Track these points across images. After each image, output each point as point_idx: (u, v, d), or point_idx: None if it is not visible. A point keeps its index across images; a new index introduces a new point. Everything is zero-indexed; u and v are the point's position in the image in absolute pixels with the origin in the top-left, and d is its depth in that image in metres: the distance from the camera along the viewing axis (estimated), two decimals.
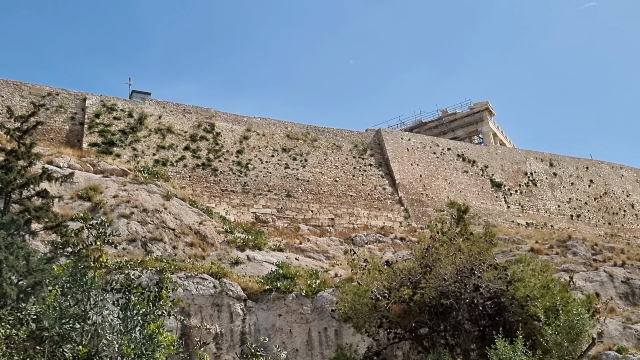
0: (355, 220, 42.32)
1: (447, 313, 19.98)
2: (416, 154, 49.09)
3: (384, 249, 36.85)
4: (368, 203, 43.80)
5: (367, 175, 45.63)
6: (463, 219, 23.47)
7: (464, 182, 49.94)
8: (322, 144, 45.68)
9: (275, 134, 44.41)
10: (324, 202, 42.24)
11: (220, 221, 33.98)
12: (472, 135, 66.08)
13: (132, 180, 32.82)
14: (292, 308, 25.82)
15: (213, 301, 25.04)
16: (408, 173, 47.31)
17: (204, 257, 28.90)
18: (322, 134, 46.45)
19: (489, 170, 52.08)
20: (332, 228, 40.57)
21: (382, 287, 21.27)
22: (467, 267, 20.53)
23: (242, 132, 43.14)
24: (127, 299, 9.65)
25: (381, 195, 44.80)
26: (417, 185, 46.96)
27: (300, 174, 43.07)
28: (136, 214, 29.69)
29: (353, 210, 42.86)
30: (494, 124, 65.82)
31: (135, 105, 40.78)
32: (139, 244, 28.12)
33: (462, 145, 53.92)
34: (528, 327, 19.28)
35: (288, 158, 43.41)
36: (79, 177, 30.43)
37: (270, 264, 29.36)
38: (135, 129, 39.18)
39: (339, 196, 43.26)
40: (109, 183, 31.75)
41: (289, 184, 42.03)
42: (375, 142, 48.38)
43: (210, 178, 39.61)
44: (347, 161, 45.78)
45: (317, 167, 44.16)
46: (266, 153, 42.93)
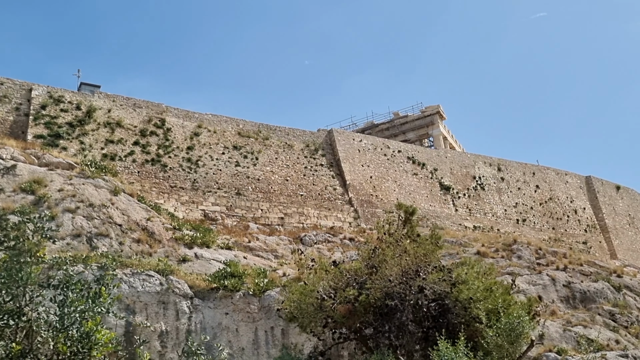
0: (305, 219, 42.36)
1: (392, 314, 20.12)
2: (367, 155, 49.39)
3: (332, 249, 36.98)
4: (318, 203, 43.88)
5: (318, 175, 45.71)
6: (410, 221, 23.68)
7: (414, 184, 50.46)
8: (274, 143, 45.58)
9: (227, 131, 44.11)
10: (274, 201, 42.15)
11: (168, 218, 33.59)
12: (423, 138, 66.89)
13: (78, 174, 32.14)
14: (239, 307, 25.70)
15: (159, 299, 24.75)
16: (359, 174, 47.56)
17: (151, 253, 28.50)
18: (274, 132, 46.33)
19: (439, 173, 52.73)
20: (282, 227, 40.52)
21: (328, 287, 21.31)
22: (412, 268, 20.72)
23: (193, 128, 42.73)
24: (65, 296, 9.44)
25: (331, 195, 44.93)
26: (367, 187, 47.25)
27: (251, 172, 42.88)
28: (82, 209, 29.09)
29: (303, 209, 42.89)
30: (444, 128, 66.74)
31: (83, 97, 39.97)
32: (84, 240, 27.57)
33: (412, 148, 54.47)
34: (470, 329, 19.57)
35: (239, 156, 43.16)
36: (23, 170, 29.70)
37: (218, 262, 29.17)
38: (83, 122, 38.40)
39: (290, 195, 43.24)
40: (54, 176, 31.04)
41: (239, 182, 41.80)
42: (327, 143, 48.50)
43: (159, 174, 39.11)
44: (299, 161, 45.77)
45: (268, 165, 44.04)
46: (217, 150, 42.60)
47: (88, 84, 42.88)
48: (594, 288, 33.02)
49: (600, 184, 64.08)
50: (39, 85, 38.80)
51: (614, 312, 30.97)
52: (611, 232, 59.69)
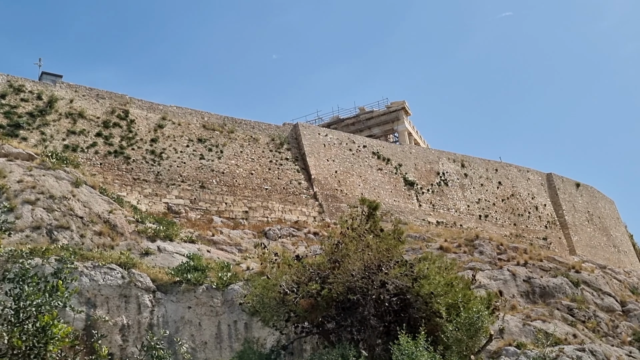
0: (270, 214, 42.28)
1: (354, 308, 20.26)
2: (332, 150, 49.46)
3: (297, 244, 37.02)
4: (283, 197, 43.85)
5: (283, 169, 45.66)
6: (373, 216, 23.83)
7: (378, 179, 50.70)
8: (239, 136, 45.37)
9: (191, 123, 43.78)
10: (238, 195, 41.99)
11: (131, 210, 33.26)
12: (388, 134, 67.20)
13: (39, 165, 31.62)
14: (202, 300, 25.63)
15: (121, 292, 24.57)
16: (324, 168, 47.61)
17: (113, 246, 28.23)
18: (239, 125, 46.12)
19: (403, 168, 53.05)
20: (246, 221, 40.41)
21: (291, 281, 21.37)
22: (374, 263, 20.87)
23: (157, 120, 42.30)
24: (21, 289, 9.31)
25: (296, 189, 44.92)
26: (332, 181, 47.34)
27: (216, 166, 42.65)
28: (42, 201, 28.65)
29: (268, 203, 42.81)
30: (409, 124, 67.15)
31: (45, 87, 39.29)
32: (44, 232, 27.17)
33: (377, 143, 54.67)
34: (431, 323, 19.80)
35: (203, 149, 42.88)
36: None
37: (182, 256, 29.03)
38: (44, 112, 37.75)
39: (254, 189, 43.11)
40: (14, 167, 30.49)
41: (204, 175, 41.55)
42: (293, 137, 48.44)
43: (122, 166, 38.66)
44: (264, 154, 45.65)
45: (233, 159, 43.83)
46: (181, 143, 42.26)
47: (50, 73, 42.12)
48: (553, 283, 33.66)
49: (561, 181, 65.10)
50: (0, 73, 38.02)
51: (572, 307, 31.63)
52: (570, 228, 60.70)
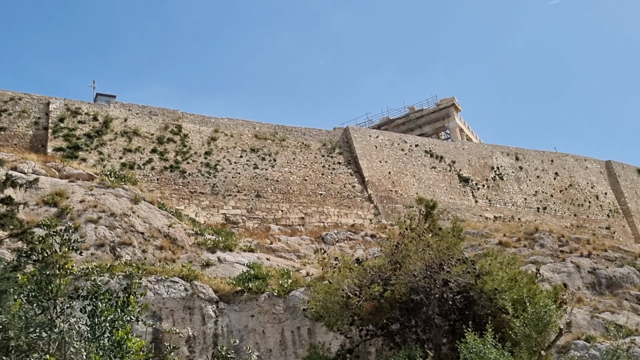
0: (326, 218, 42.38)
1: (418, 308, 20.10)
2: (384, 151, 49.31)
3: (354, 247, 36.95)
4: (338, 201, 43.89)
5: (336, 174, 45.72)
6: (431, 215, 23.66)
7: (432, 177, 50.31)
8: (291, 144, 45.66)
9: (244, 134, 44.25)
10: (293, 202, 42.22)
11: (189, 223, 33.77)
12: (439, 131, 66.60)
13: (98, 184, 32.45)
14: (264, 308, 25.79)
15: (184, 304, 24.90)
16: (377, 170, 47.50)
17: (174, 260, 28.70)
18: (290, 133, 46.41)
19: (457, 165, 52.53)
20: (303, 227, 40.59)
21: (352, 285, 21.33)
22: (436, 262, 20.68)
23: (210, 133, 42.92)
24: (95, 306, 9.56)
25: (351, 193, 44.92)
26: (386, 182, 47.18)
27: (270, 174, 42.99)
28: (104, 219, 29.36)
29: (323, 208, 42.92)
30: (460, 120, 66.44)
31: (100, 108, 40.30)
32: (108, 249, 27.83)
33: (429, 142, 54.31)
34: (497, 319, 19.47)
35: (257, 158, 43.29)
36: (45, 183, 30.03)
37: (242, 265, 29.29)
38: (100, 133, 38.73)
39: (309, 195, 43.28)
40: (75, 188, 31.35)
41: (258, 184, 41.93)
42: (344, 140, 48.49)
43: (178, 180, 39.33)
44: (316, 160, 45.80)
45: (286, 166, 44.12)
46: (234, 154, 42.75)
47: (104, 94, 43.26)
48: (620, 273, 32.73)
49: (621, 168, 63.44)
50: (56, 98, 39.17)
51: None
52: (634, 216, 59.08)
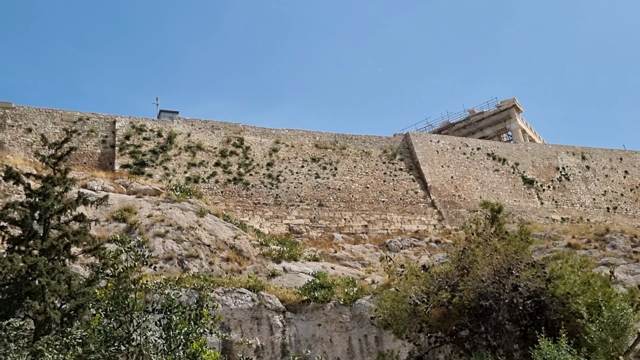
0: (389, 225, 42.20)
1: (487, 314, 19.81)
2: (446, 155, 48.85)
3: (419, 253, 36.67)
4: (401, 208, 43.68)
5: (398, 180, 45.52)
6: (497, 219, 23.29)
7: (496, 180, 49.55)
8: (351, 152, 45.73)
9: (304, 144, 44.56)
10: (356, 210, 42.23)
11: (254, 234, 34.18)
12: (501, 133, 65.52)
13: (165, 199, 33.19)
14: (331, 317, 25.86)
15: (252, 314, 25.19)
16: (439, 175, 47.09)
17: (241, 271, 29.08)
18: (350, 141, 46.50)
19: (520, 167, 51.60)
20: (366, 235, 40.53)
21: (420, 291, 21.18)
22: (504, 267, 20.34)
23: (271, 144, 43.41)
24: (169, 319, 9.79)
25: (413, 199, 44.64)
26: (448, 187, 46.71)
27: (331, 183, 43.14)
28: (171, 232, 30.02)
29: (386, 215, 42.77)
30: (522, 121, 65.23)
31: (163, 124, 41.27)
32: (176, 262, 28.42)
33: (491, 144, 53.52)
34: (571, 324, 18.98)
35: (318, 168, 43.52)
36: (113, 199, 30.88)
37: (307, 275, 29.45)
38: (165, 148, 39.65)
39: (371, 202, 43.21)
40: (143, 203, 32.15)
41: (321, 194, 42.11)
42: (404, 146, 48.27)
43: (242, 192, 39.87)
44: (377, 167, 45.73)
45: (348, 174, 44.19)
46: (296, 164, 43.09)
47: (167, 110, 44.31)
48: None
49: None
50: (122, 116, 40.32)
51: None
52: None
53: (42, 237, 20.04)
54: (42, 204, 20.18)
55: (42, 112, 38.62)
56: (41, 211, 20.20)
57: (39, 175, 21.85)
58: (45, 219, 20.33)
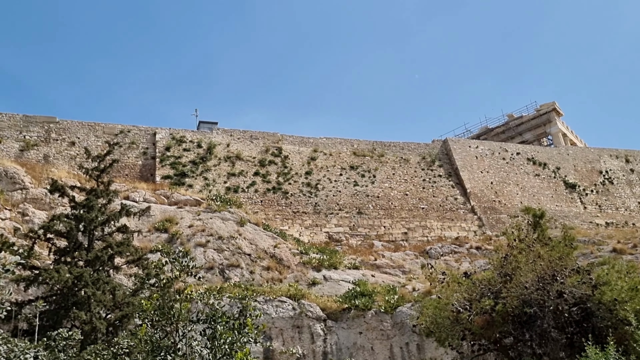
0: (429, 232, 41.96)
1: (532, 322, 19.49)
2: (485, 161, 48.41)
3: (460, 260, 36.38)
4: (440, 214, 43.38)
5: (437, 187, 45.25)
6: (540, 224, 22.95)
7: (537, 185, 48.89)
8: (390, 159, 45.62)
9: (342, 152, 44.61)
10: (395, 217, 42.07)
11: (294, 243, 34.28)
12: (541, 138, 64.69)
13: (205, 209, 33.51)
14: (372, 325, 25.78)
15: (293, 323, 25.25)
16: (479, 181, 46.66)
17: (281, 280, 29.19)
18: (388, 148, 46.41)
19: (562, 171, 50.84)
20: (406, 242, 40.35)
21: (462, 299, 20.94)
22: (548, 273, 20.01)
23: (309, 153, 43.56)
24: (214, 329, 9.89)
25: (453, 205, 44.31)
26: (488, 193, 46.25)
27: (370, 191, 43.07)
28: (212, 242, 30.29)
29: (426, 222, 42.53)
30: (562, 124, 64.29)
31: (203, 135, 41.73)
32: (217, 271, 28.66)
33: (531, 149, 52.87)
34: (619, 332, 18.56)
35: (356, 175, 43.51)
36: (155, 210, 31.29)
37: (347, 283, 29.44)
38: (205, 159, 40.08)
39: (411, 210, 43.01)
40: (184, 213, 32.51)
41: (360, 201, 42.07)
42: (443, 153, 47.99)
43: (281, 201, 40.06)
44: (416, 174, 45.52)
45: (386, 182, 44.09)
46: (334, 172, 43.14)
47: (206, 121, 44.78)
48: None
49: None
50: (162, 128, 40.90)
51: None
52: None
53: (87, 248, 20.43)
54: (86, 216, 20.58)
55: (85, 125, 39.38)
56: (86, 223, 20.60)
57: (83, 188, 22.29)
58: (89, 231, 20.72)
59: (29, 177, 31.73)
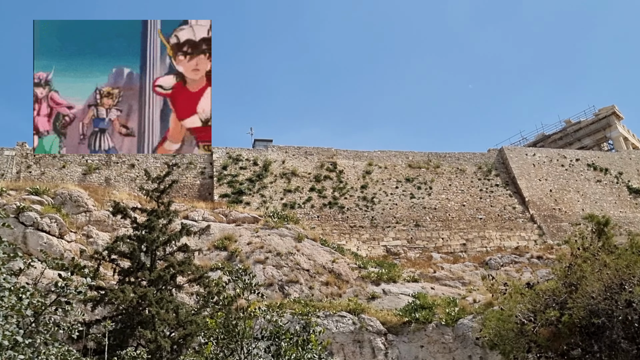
0: (488, 243, 41.39)
1: (600, 333, 18.98)
2: (543, 168, 47.54)
3: (521, 270, 35.75)
4: (499, 224, 42.75)
5: (495, 196, 44.63)
6: (604, 232, 22.39)
7: (598, 192, 47.72)
8: (445, 170, 45.26)
9: (397, 165, 44.49)
10: (453, 228, 41.66)
11: (352, 257, 34.27)
12: (601, 143, 63.09)
13: (263, 226, 33.82)
14: (433, 338, 25.55)
15: (354, 337, 25.21)
16: (537, 189, 45.84)
17: (340, 294, 29.19)
18: (443, 159, 46.07)
19: (624, 176, 49.51)
20: (465, 253, 39.90)
21: (526, 310, 20.56)
22: (615, 282, 19.47)
23: (364, 167, 43.58)
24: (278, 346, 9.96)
25: (512, 214, 43.61)
26: (548, 201, 45.36)
27: (427, 202, 42.79)
28: (270, 259, 30.52)
29: (484, 233, 41.97)
30: (623, 128, 62.61)
31: (258, 153, 42.22)
32: (276, 288, 28.86)
33: (591, 154, 51.66)
34: None
35: (412, 188, 43.30)
36: (214, 228, 31.74)
37: (407, 296, 29.26)
38: (261, 176, 40.52)
39: (468, 220, 42.53)
40: (242, 231, 32.87)
41: (416, 214, 41.82)
42: (499, 162, 47.36)
43: (338, 216, 40.13)
44: (473, 184, 45.03)
45: (443, 193, 43.73)
46: (390, 185, 43.03)
47: (261, 139, 45.37)
48: None
49: None
50: (219, 147, 41.57)
51: None
52: None
53: (150, 268, 20.83)
54: (148, 237, 21.00)
55: None
56: (148, 243, 21.01)
57: (143, 209, 22.74)
58: (151, 251, 21.13)
59: (92, 200, 32.61)
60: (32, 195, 30.90)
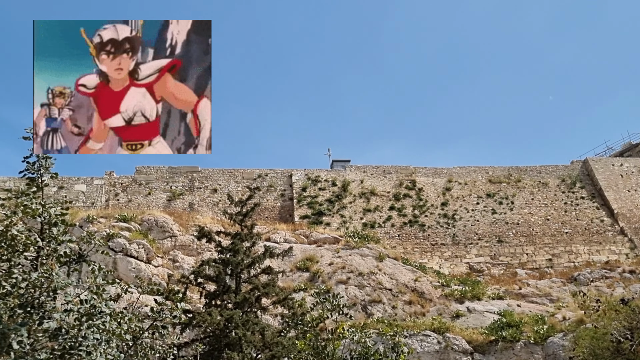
0: (575, 257, 40.12)
1: None
2: (632, 179, 45.81)
3: (612, 285, 34.50)
4: (586, 238, 41.40)
5: (581, 209, 43.29)
6: None
7: None
8: (527, 184, 44.27)
9: (477, 180, 43.83)
10: (538, 243, 40.62)
11: (434, 276, 33.93)
12: None
13: (344, 246, 33.94)
14: (521, 357, 24.96)
15: (439, 357, 24.91)
16: (626, 200, 44.18)
17: (424, 313, 28.92)
18: (525, 173, 45.10)
19: None
20: (551, 269, 38.81)
21: (622, 327, 19.82)
22: None
23: (444, 184, 43.15)
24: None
25: (599, 228, 42.17)
26: (638, 213, 43.63)
27: (509, 218, 41.93)
28: (352, 279, 30.56)
29: (571, 247, 40.72)
30: None
31: (337, 174, 42.46)
32: (359, 308, 28.83)
33: None
34: None
35: (493, 203, 42.54)
36: (295, 250, 32.04)
37: (492, 314, 28.71)
38: (340, 197, 40.71)
39: (554, 235, 41.37)
40: (323, 252, 33.08)
41: (499, 230, 41.03)
42: (584, 173, 45.95)
43: (418, 234, 39.83)
44: (556, 197, 43.84)
45: (525, 207, 42.75)
46: (470, 201, 42.42)
47: (339, 160, 45.62)
48: None
49: None
50: (297, 169, 42.06)
51: None
52: None
53: (235, 290, 21.18)
54: (232, 260, 21.38)
55: (225, 172, 41.22)
56: (232, 266, 21.39)
57: (227, 232, 23.18)
58: (236, 274, 21.49)
59: (177, 225, 33.55)
60: (120, 222, 32.08)
